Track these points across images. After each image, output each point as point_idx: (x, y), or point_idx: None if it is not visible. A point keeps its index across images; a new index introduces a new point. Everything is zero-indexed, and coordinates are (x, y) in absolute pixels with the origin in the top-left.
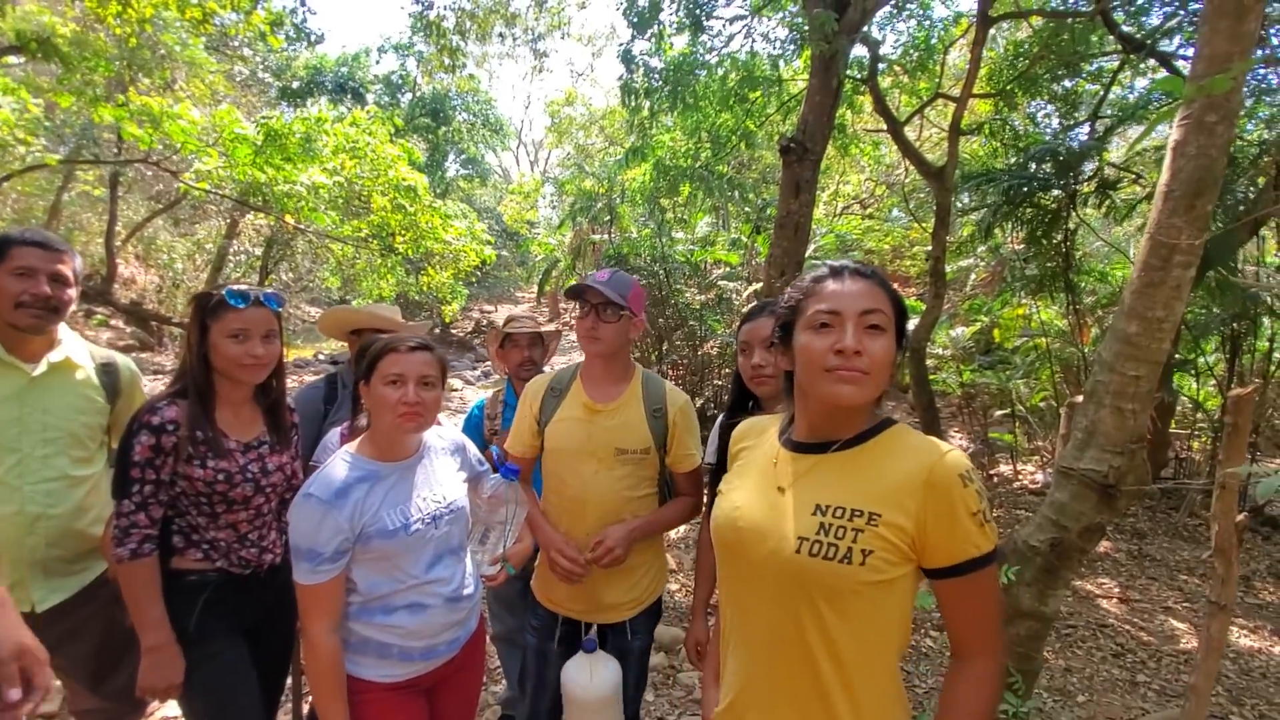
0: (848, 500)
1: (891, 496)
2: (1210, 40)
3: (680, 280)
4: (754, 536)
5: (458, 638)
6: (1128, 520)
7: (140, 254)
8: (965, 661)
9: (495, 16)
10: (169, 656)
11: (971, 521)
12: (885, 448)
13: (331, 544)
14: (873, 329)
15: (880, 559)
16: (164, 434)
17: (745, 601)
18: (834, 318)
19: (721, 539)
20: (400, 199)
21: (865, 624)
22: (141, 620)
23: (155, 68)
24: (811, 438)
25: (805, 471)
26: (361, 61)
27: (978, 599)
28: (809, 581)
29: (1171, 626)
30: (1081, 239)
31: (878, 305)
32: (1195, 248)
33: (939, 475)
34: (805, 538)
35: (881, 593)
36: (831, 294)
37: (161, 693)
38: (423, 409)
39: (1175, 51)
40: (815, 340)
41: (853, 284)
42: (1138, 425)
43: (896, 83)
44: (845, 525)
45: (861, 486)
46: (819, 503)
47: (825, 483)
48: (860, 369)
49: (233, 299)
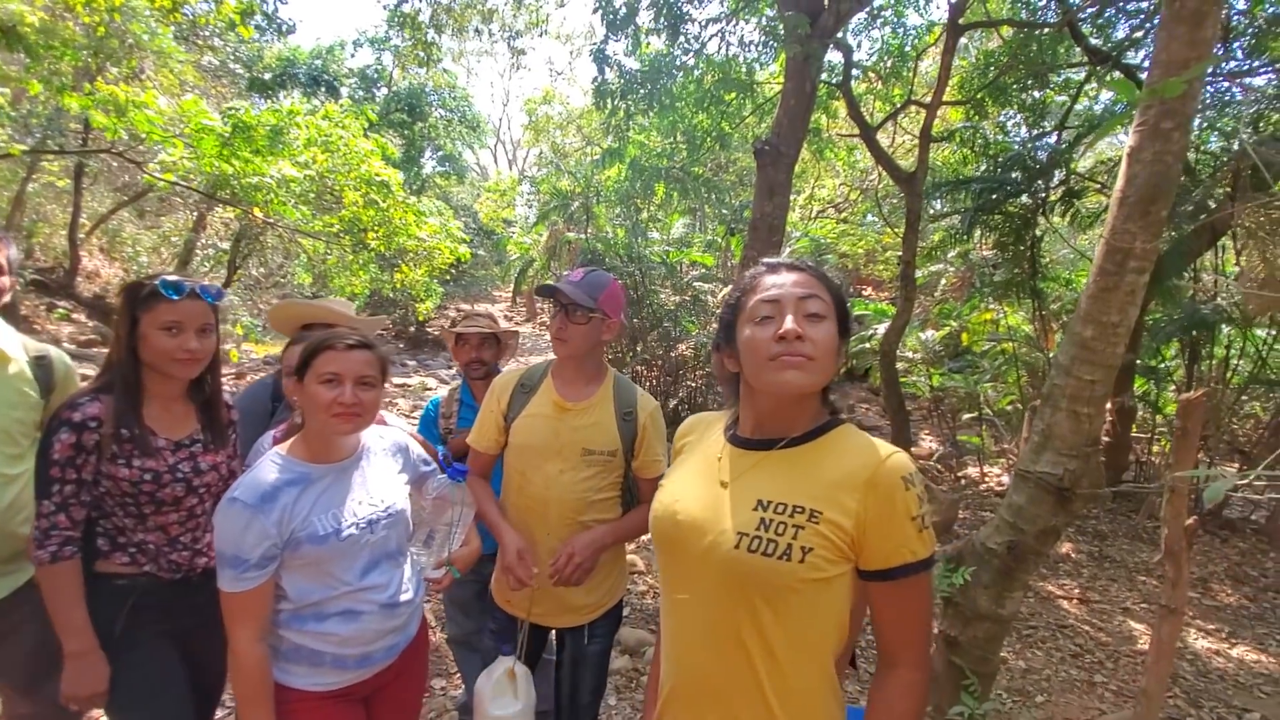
0: (789, 496)
1: (833, 494)
2: (1168, 46)
3: (655, 281)
4: (692, 531)
5: (395, 644)
6: (1089, 522)
7: (105, 246)
8: (893, 669)
9: (472, 12)
10: (92, 663)
11: (911, 525)
12: (831, 446)
13: (257, 550)
14: (813, 316)
15: (819, 557)
16: (85, 431)
17: (680, 597)
18: (774, 307)
19: (660, 532)
20: (373, 194)
21: (801, 621)
22: (63, 625)
23: (123, 57)
24: (758, 434)
25: (749, 467)
26: (336, 54)
27: (910, 605)
28: (747, 577)
29: (1130, 627)
30: (1047, 246)
31: (815, 292)
32: (1149, 253)
33: (881, 476)
34: (745, 533)
35: (819, 591)
36: (769, 285)
37: (85, 701)
38: (360, 410)
39: (1140, 64)
40: (758, 332)
41: (789, 275)
42: (1093, 429)
43: (870, 89)
44: (786, 521)
45: (804, 483)
46: (760, 498)
47: (768, 479)
48: (804, 354)
49: (166, 290)
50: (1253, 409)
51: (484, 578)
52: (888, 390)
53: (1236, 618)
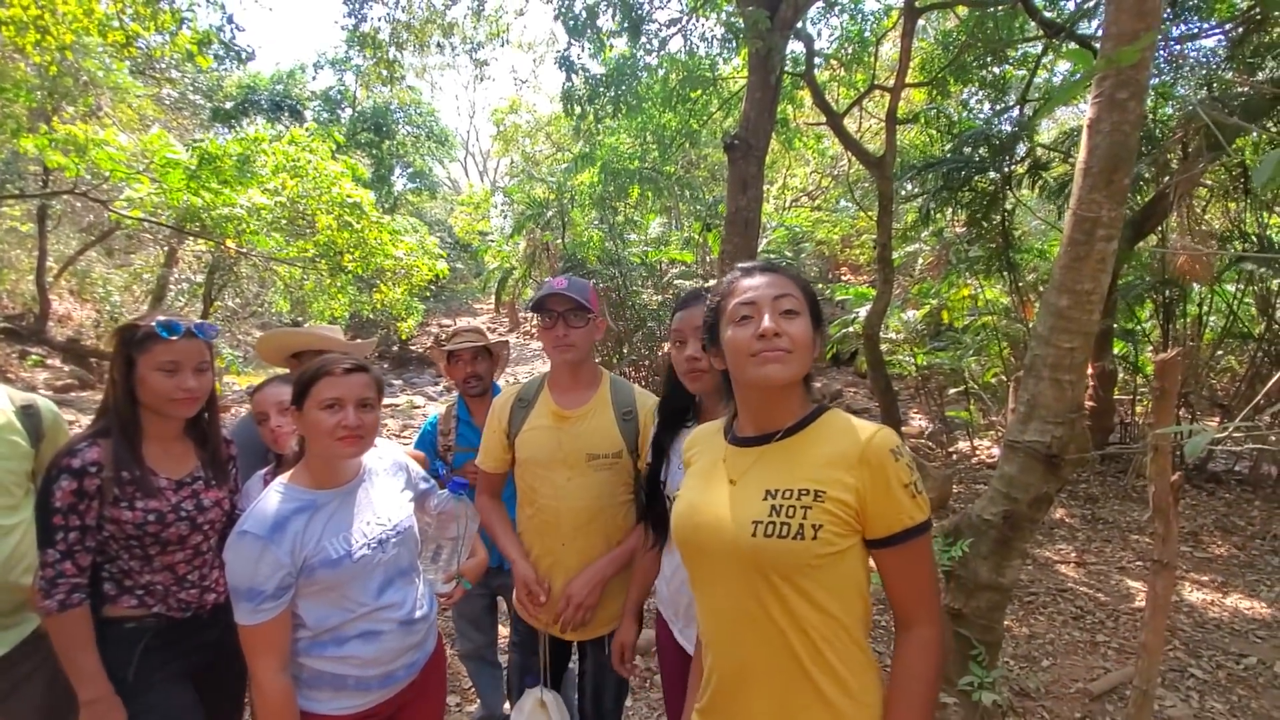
0: (793, 482)
1: (831, 474)
2: (1117, 18)
3: (636, 281)
4: (711, 531)
5: (415, 661)
6: (1079, 486)
7: (75, 288)
8: (909, 629)
9: (432, 27)
10: (108, 709)
11: (904, 493)
12: (822, 432)
13: (272, 581)
14: (788, 313)
15: (830, 532)
16: (86, 476)
17: (712, 595)
18: (751, 308)
19: (682, 539)
20: (346, 216)
21: (826, 596)
22: (76, 673)
23: (79, 95)
24: (754, 431)
25: (752, 463)
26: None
27: (915, 567)
28: (766, 561)
29: (1126, 586)
30: (1019, 219)
31: (788, 291)
32: (1116, 220)
33: (872, 451)
34: (759, 520)
35: (835, 564)
36: (746, 288)
37: None
38: (364, 431)
39: (1094, 34)
40: (738, 332)
41: (763, 277)
42: (1076, 395)
43: (834, 76)
44: (794, 505)
45: (804, 468)
46: (768, 487)
47: (771, 470)
48: (783, 348)
49: (163, 330)
50: (1228, 363)
51: (492, 590)
52: (874, 372)
53: (1228, 567)
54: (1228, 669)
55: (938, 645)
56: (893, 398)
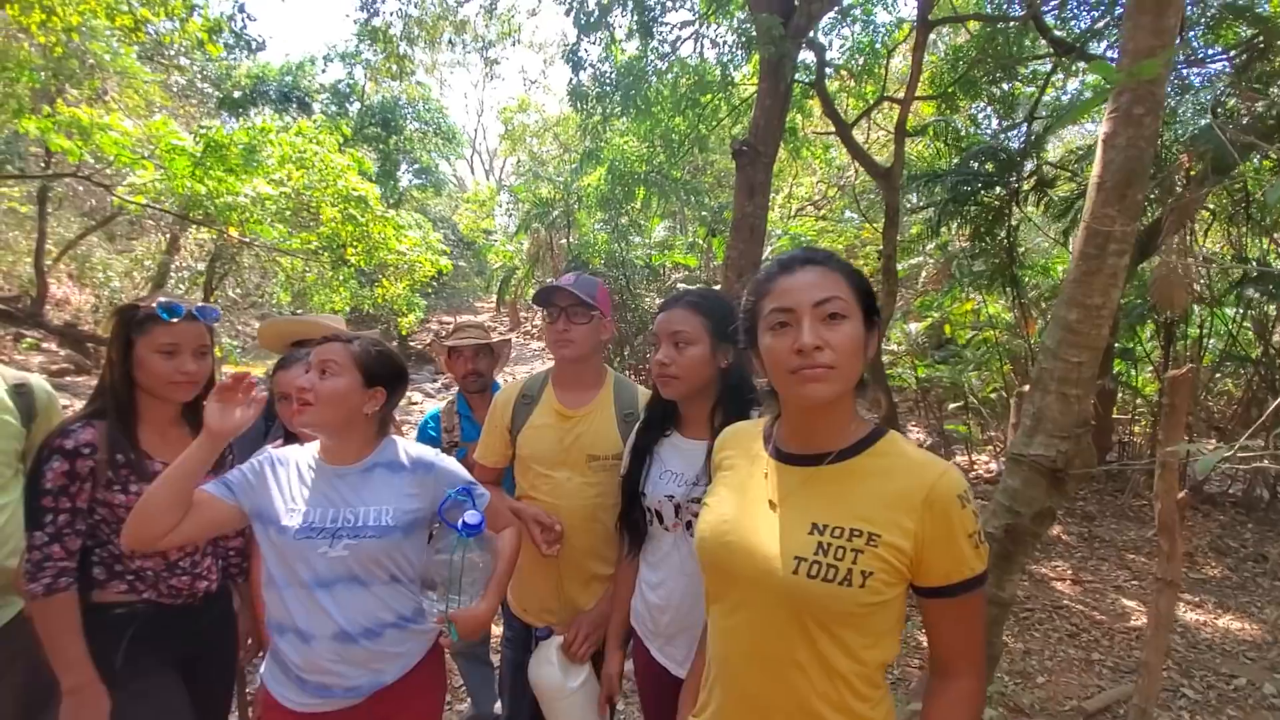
0: (845, 519)
1: (890, 516)
2: (1134, 36)
3: (640, 284)
4: (743, 554)
5: (357, 685)
6: (1077, 504)
7: (74, 273)
8: (950, 679)
9: (444, 24)
10: (91, 697)
11: (968, 543)
12: (880, 461)
13: (234, 476)
14: (833, 318)
15: (879, 580)
16: (79, 458)
17: (731, 621)
18: (789, 315)
19: (710, 556)
20: (351, 209)
21: (860, 644)
22: (60, 660)
23: (84, 78)
24: (801, 448)
25: (797, 486)
26: (307, 70)
27: (966, 619)
28: (804, 602)
29: (1122, 605)
30: (1023, 236)
31: (833, 292)
32: (1128, 235)
33: (938, 495)
34: (803, 558)
35: (877, 612)
36: (784, 290)
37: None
38: (310, 396)
39: (1103, 54)
40: (775, 342)
41: (804, 275)
42: (1082, 410)
43: (844, 86)
44: (844, 546)
45: (858, 504)
46: (815, 521)
47: (820, 499)
48: (824, 364)
49: (164, 312)
50: (1225, 386)
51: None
52: (874, 383)
53: (1221, 588)
54: (1218, 689)
55: (979, 699)
56: (892, 410)
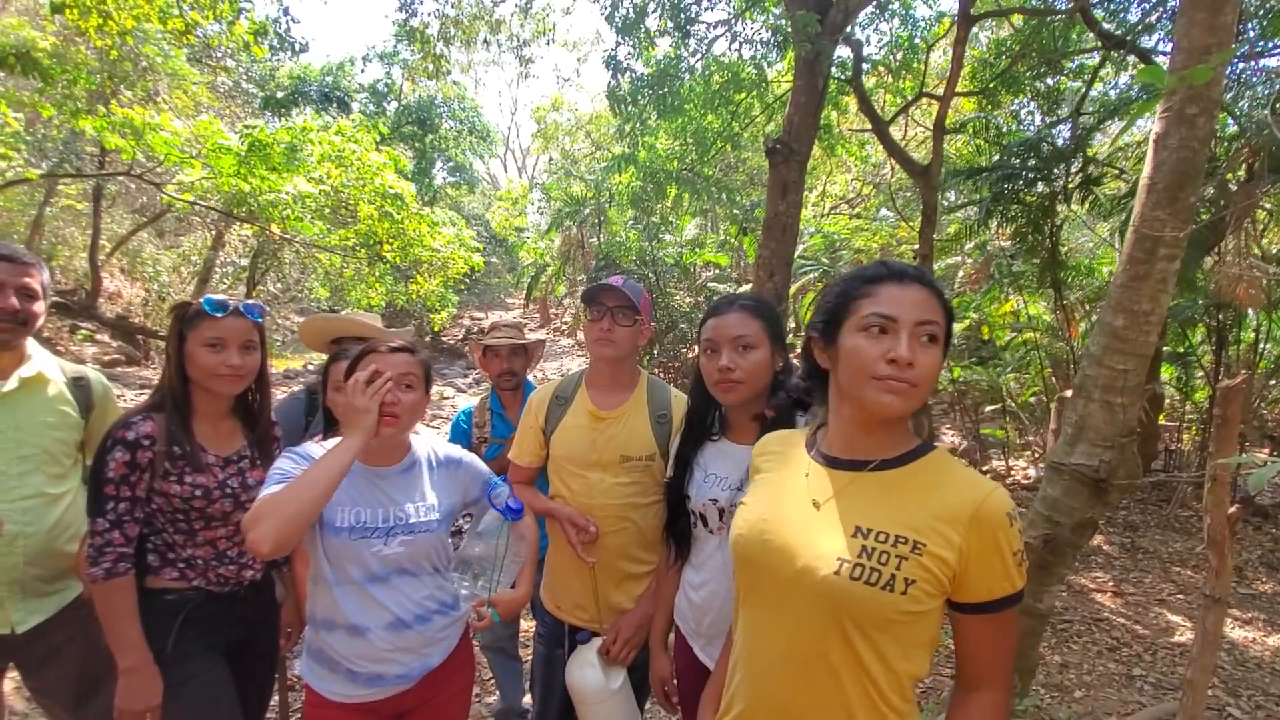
0: (891, 525)
1: (936, 527)
2: (1188, 33)
3: (670, 283)
4: (782, 553)
5: (409, 671)
6: (1120, 514)
7: (125, 267)
8: (977, 691)
9: (480, 23)
10: (146, 677)
11: (1012, 560)
12: (928, 474)
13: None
14: (928, 340)
15: (921, 590)
16: (139, 449)
17: (763, 618)
18: (890, 324)
19: (746, 553)
20: (387, 207)
21: (895, 652)
22: (117, 641)
23: (137, 80)
24: (848, 453)
25: (841, 489)
26: (346, 70)
27: (1000, 635)
28: (845, 605)
29: (1166, 619)
30: (1066, 234)
31: (934, 316)
32: (1179, 240)
33: (987, 512)
34: (846, 559)
35: (914, 621)
36: (890, 298)
37: (138, 715)
38: (399, 409)
39: (1154, 47)
40: (867, 345)
41: (914, 291)
42: (1128, 419)
43: (881, 83)
44: (889, 551)
45: (904, 512)
46: (860, 524)
47: (865, 503)
48: (910, 380)
49: (210, 307)
50: None
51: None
52: None
53: (1272, 605)
54: (1267, 709)
55: (1006, 711)
56: (926, 412)
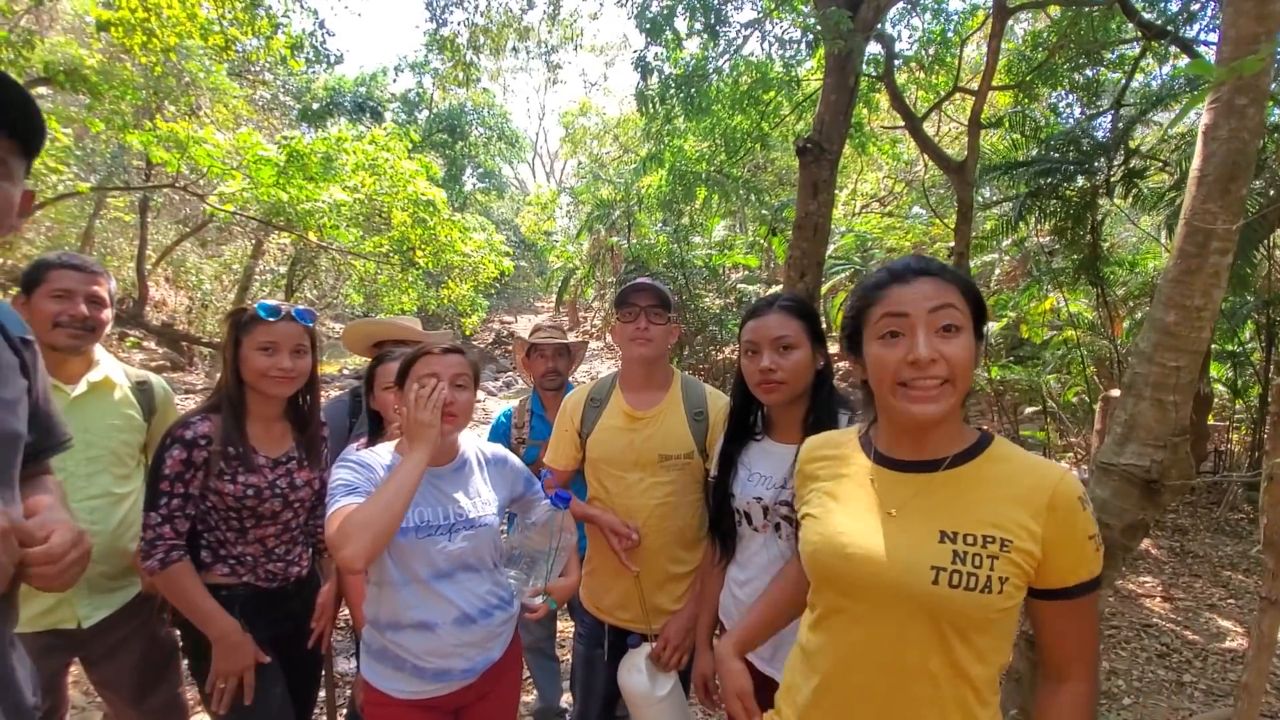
0: (976, 525)
1: (1017, 519)
2: (1235, 22)
3: (699, 284)
4: (868, 564)
5: (474, 665)
6: (1168, 517)
7: (170, 276)
8: (1063, 683)
9: (508, 31)
10: (235, 642)
11: (1090, 544)
12: (996, 466)
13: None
14: (948, 329)
15: (1013, 585)
16: (196, 448)
17: (852, 633)
18: (901, 321)
19: (825, 570)
20: (420, 213)
21: (990, 649)
22: (199, 616)
23: (180, 94)
24: (911, 454)
25: (913, 494)
26: (379, 81)
27: (1082, 621)
28: (946, 613)
29: (1217, 625)
30: (1109, 229)
31: (948, 300)
32: (1232, 233)
33: (1061, 498)
34: (941, 567)
35: (1007, 616)
36: (896, 297)
37: (237, 675)
38: (455, 409)
39: (1196, 37)
40: (885, 352)
41: (920, 284)
42: (1180, 417)
43: (913, 78)
44: (980, 553)
45: (984, 509)
46: (944, 528)
47: (942, 506)
48: (938, 377)
49: (264, 312)
50: None
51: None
52: None
53: None
54: None
55: (1092, 702)
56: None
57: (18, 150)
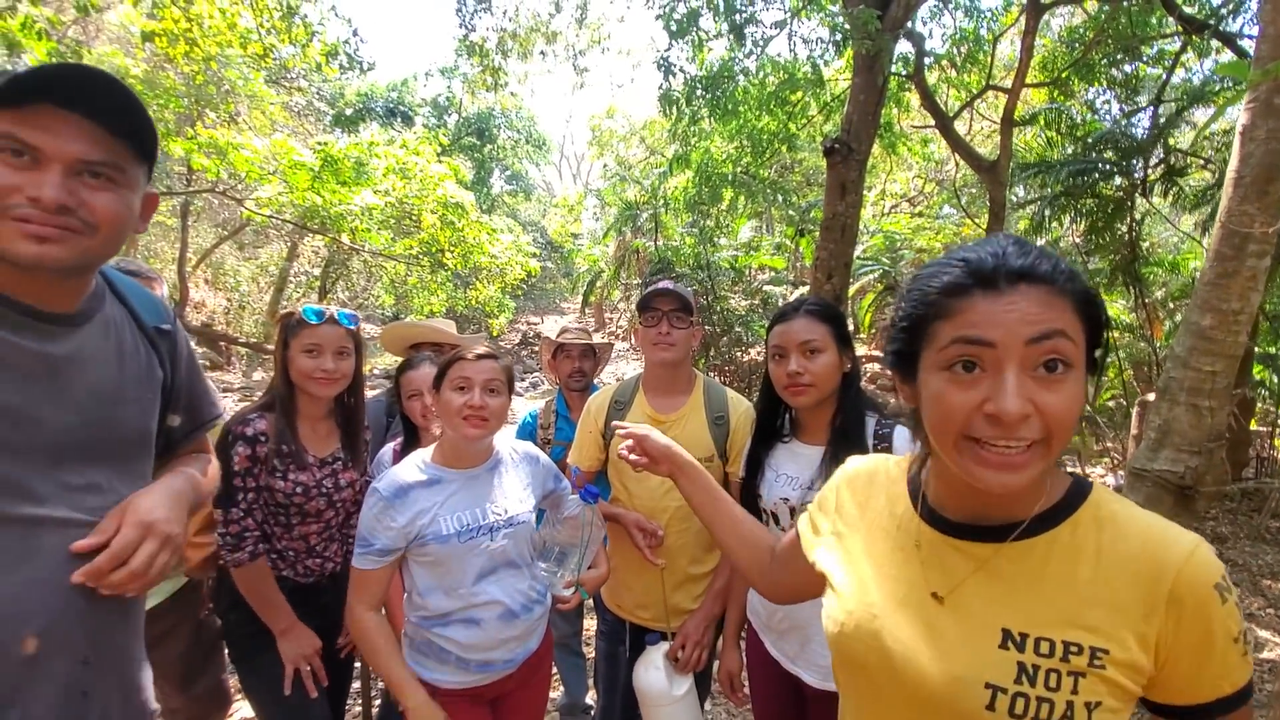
0: (1054, 626)
1: (1118, 618)
2: (1274, 19)
3: (725, 286)
4: (906, 665)
5: (515, 654)
6: (1207, 524)
7: (209, 278)
8: None
9: (536, 35)
10: (300, 633)
11: (1234, 650)
12: (1091, 534)
13: (382, 538)
14: (1050, 368)
15: (1107, 710)
16: (257, 444)
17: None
18: (983, 351)
19: (850, 655)
20: (449, 215)
21: None
22: (269, 609)
23: (220, 102)
24: (969, 515)
25: (972, 570)
26: (410, 86)
27: None
28: None
29: (1255, 635)
30: (1148, 229)
31: (1057, 326)
32: (1270, 236)
33: (1188, 588)
34: (1000, 687)
35: None
36: (978, 314)
37: (307, 660)
38: (489, 414)
39: (1239, 31)
40: (953, 393)
41: (1017, 298)
42: (1216, 423)
43: (944, 77)
44: (1058, 669)
45: (1068, 600)
46: (1008, 627)
47: (1010, 593)
48: (1028, 439)
49: (309, 315)
50: None
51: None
52: None
53: None
54: None
55: None
56: None
57: (134, 156)
